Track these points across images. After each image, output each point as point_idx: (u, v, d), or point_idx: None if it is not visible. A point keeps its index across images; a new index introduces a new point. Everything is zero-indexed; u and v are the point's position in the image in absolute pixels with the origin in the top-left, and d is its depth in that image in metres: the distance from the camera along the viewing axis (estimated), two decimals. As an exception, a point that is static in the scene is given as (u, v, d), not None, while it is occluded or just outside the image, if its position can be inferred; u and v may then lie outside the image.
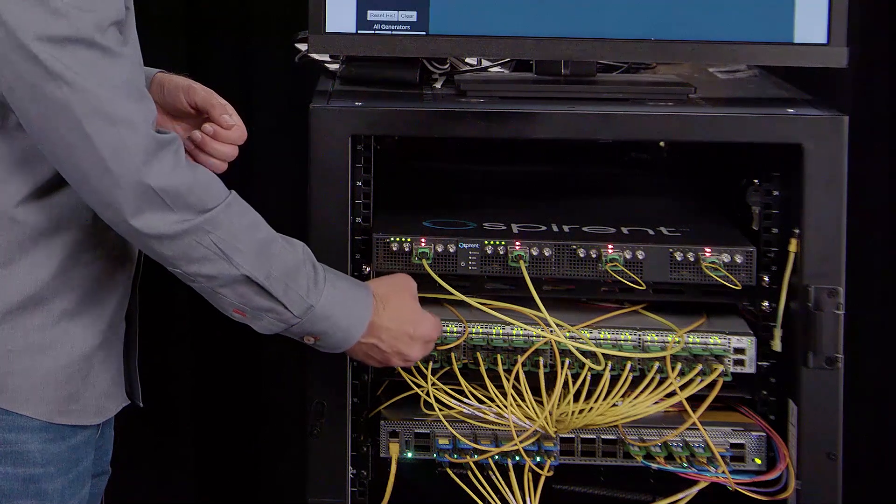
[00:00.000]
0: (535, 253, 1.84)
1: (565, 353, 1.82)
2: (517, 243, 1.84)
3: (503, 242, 1.84)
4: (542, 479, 1.84)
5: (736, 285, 1.83)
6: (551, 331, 1.81)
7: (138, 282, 1.73)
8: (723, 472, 1.82)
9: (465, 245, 1.84)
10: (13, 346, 1.56)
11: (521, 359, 1.82)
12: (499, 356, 1.83)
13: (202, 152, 1.69)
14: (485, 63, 2.09)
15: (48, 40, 1.45)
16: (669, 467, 1.84)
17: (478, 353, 1.84)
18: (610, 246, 1.84)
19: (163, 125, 1.69)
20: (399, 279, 1.77)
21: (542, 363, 1.83)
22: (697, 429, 1.83)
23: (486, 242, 1.84)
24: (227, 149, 1.69)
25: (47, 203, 1.57)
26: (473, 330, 1.84)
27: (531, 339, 1.83)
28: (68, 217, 1.58)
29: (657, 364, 1.83)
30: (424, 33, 1.89)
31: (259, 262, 1.59)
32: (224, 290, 1.60)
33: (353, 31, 1.90)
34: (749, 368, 1.85)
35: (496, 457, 1.84)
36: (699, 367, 1.83)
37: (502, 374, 1.82)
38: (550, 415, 1.80)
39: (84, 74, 1.46)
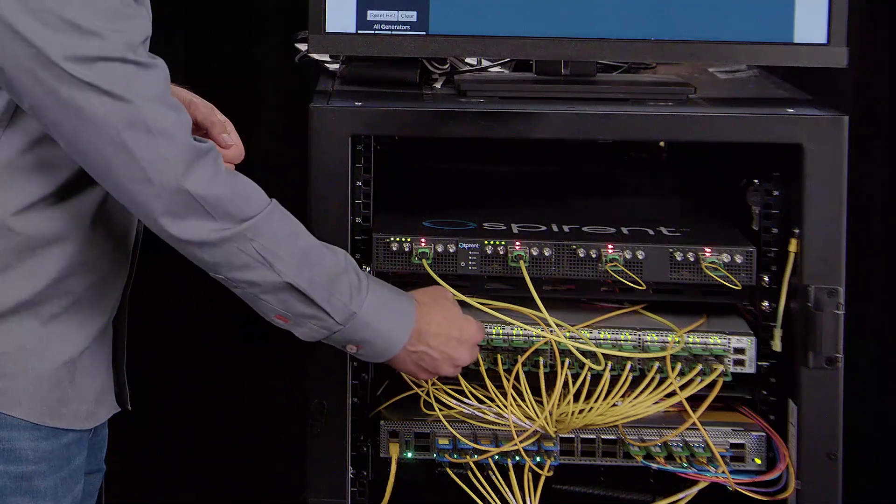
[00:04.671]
0: (535, 253, 1.84)
1: (565, 353, 1.82)
2: (517, 243, 1.84)
3: (503, 242, 1.84)
4: (542, 479, 1.84)
5: (736, 285, 1.83)
6: (551, 331, 1.81)
7: (129, 291, 1.73)
8: (723, 472, 1.82)
9: (465, 245, 1.84)
10: (5, 348, 1.57)
11: (521, 359, 1.82)
12: (499, 356, 1.83)
13: None
14: (485, 63, 2.09)
15: (79, 60, 1.46)
16: (669, 467, 1.84)
17: (478, 354, 1.84)
18: (610, 246, 1.84)
19: None
20: (437, 288, 1.78)
21: (542, 363, 1.82)
22: (697, 429, 1.83)
23: (486, 242, 1.84)
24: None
25: (48, 214, 1.57)
26: (473, 330, 1.84)
27: (531, 339, 1.83)
28: (69, 228, 1.59)
29: (657, 364, 1.83)
30: (424, 33, 1.89)
31: (301, 269, 1.60)
32: (267, 296, 1.60)
33: (353, 31, 1.90)
34: (749, 368, 1.85)
35: (496, 457, 1.84)
36: (699, 367, 1.82)
37: (502, 374, 1.82)
38: (550, 415, 1.80)
39: (120, 87, 1.47)
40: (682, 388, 1.81)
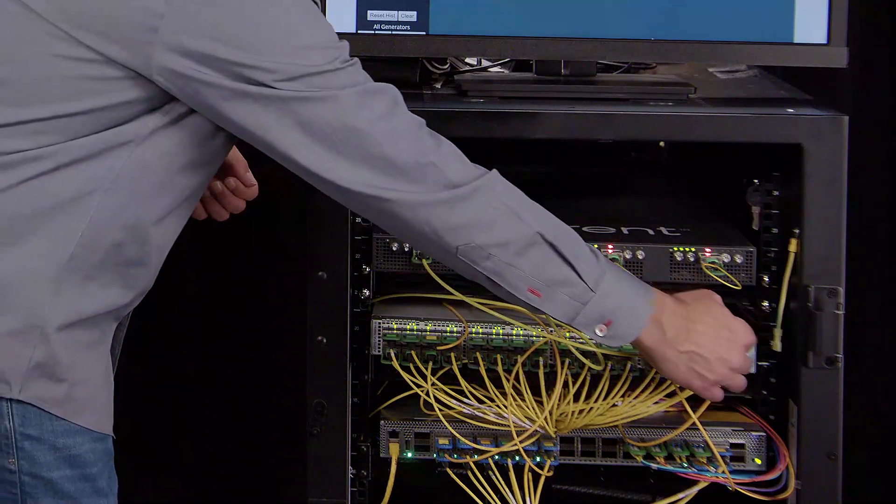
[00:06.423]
0: (535, 253, 1.83)
1: (565, 353, 1.82)
2: (517, 243, 1.84)
3: (503, 242, 1.84)
4: (542, 479, 1.84)
5: (736, 285, 1.83)
6: (551, 331, 1.81)
7: (128, 321, 1.73)
8: (723, 472, 1.82)
9: (465, 245, 1.84)
10: (73, 357, 1.56)
11: (520, 359, 1.82)
12: (499, 356, 1.83)
13: (216, 202, 1.72)
14: (485, 63, 2.09)
15: (290, 79, 1.48)
16: (669, 467, 1.84)
17: (478, 354, 1.84)
18: (610, 246, 1.84)
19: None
20: (703, 290, 1.73)
21: (542, 363, 1.82)
22: (697, 429, 1.83)
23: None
24: (240, 203, 1.78)
25: (164, 232, 1.58)
26: (473, 330, 1.84)
27: (531, 339, 1.83)
28: (157, 253, 1.59)
29: (657, 364, 1.83)
30: (424, 33, 1.89)
31: (543, 220, 1.59)
32: (518, 259, 1.57)
33: (353, 31, 1.90)
34: (749, 368, 1.85)
35: (496, 457, 1.84)
36: (699, 367, 1.82)
37: (502, 374, 1.82)
38: (550, 415, 1.80)
39: (332, 88, 1.50)
40: (682, 388, 1.81)
